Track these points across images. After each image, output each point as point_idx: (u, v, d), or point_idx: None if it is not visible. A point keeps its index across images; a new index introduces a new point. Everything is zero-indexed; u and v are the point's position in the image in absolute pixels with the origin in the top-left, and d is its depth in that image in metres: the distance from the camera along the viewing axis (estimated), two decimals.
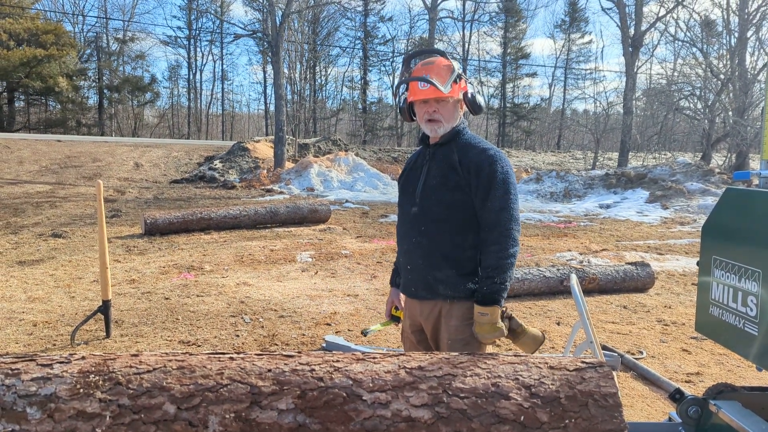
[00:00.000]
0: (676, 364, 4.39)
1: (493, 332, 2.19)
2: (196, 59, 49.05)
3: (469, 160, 2.28)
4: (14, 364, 1.61)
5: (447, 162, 2.33)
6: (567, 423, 1.63)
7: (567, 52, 50.74)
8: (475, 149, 2.31)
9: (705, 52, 25.47)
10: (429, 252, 2.33)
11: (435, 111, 2.31)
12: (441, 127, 2.33)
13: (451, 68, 2.29)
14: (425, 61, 2.35)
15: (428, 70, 2.28)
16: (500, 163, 2.27)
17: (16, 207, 12.45)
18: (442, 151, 2.36)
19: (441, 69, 2.28)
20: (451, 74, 2.27)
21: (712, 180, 16.46)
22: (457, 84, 2.30)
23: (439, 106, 2.30)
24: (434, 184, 2.34)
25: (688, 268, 7.71)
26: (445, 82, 2.26)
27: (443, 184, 2.31)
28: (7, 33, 34.54)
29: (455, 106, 2.34)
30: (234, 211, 10.37)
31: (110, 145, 23.80)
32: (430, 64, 2.31)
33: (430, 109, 2.31)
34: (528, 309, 5.71)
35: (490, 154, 2.28)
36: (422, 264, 2.35)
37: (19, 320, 5.08)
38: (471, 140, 2.36)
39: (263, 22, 29.73)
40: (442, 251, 2.30)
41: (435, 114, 2.31)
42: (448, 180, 2.31)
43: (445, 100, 2.30)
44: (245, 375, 1.64)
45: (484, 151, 2.30)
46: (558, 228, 11.50)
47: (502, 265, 2.21)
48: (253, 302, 5.74)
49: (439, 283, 2.32)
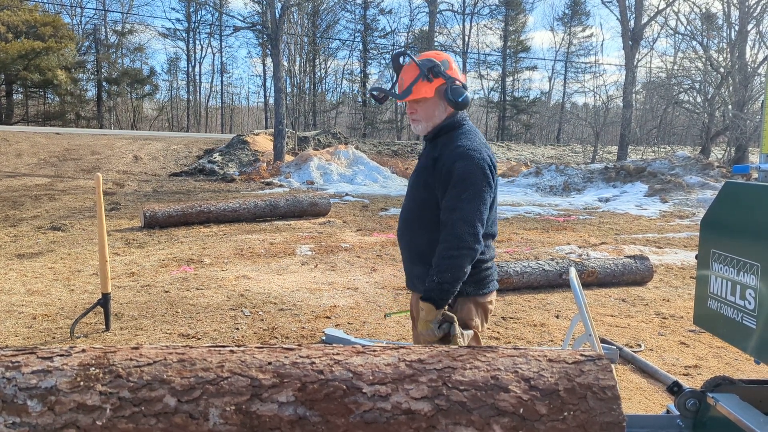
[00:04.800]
0: (674, 357, 4.41)
1: (424, 330, 2.17)
2: (195, 52, 48.92)
3: (443, 158, 2.25)
4: (14, 357, 1.61)
5: (428, 159, 2.34)
6: (566, 415, 1.64)
7: (567, 45, 50.63)
8: (451, 145, 2.26)
9: (705, 46, 25.41)
10: (408, 248, 2.42)
11: (413, 112, 2.35)
12: (420, 125, 2.35)
13: (417, 69, 2.26)
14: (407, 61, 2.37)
15: (403, 71, 2.34)
16: (463, 161, 2.18)
17: (14, 200, 12.43)
18: (429, 147, 2.38)
19: (410, 71, 2.30)
20: (417, 75, 2.26)
21: (711, 174, 16.46)
22: (429, 83, 2.25)
23: (417, 106, 2.32)
24: (412, 182, 2.42)
25: (686, 262, 7.73)
26: (408, 84, 2.27)
27: (417, 182, 2.37)
28: (5, 25, 34.38)
29: (435, 103, 2.30)
30: (233, 204, 10.37)
31: (109, 138, 23.76)
32: (407, 63, 2.35)
33: (409, 109, 2.36)
34: (527, 302, 5.73)
35: (458, 152, 2.21)
36: (406, 258, 2.45)
37: (18, 313, 5.08)
38: (455, 136, 2.29)
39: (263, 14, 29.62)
40: (416, 248, 2.35)
41: (413, 114, 2.35)
42: (421, 178, 2.35)
43: (422, 100, 2.29)
44: (246, 368, 1.65)
45: (456, 147, 2.23)
46: (557, 221, 11.51)
47: (440, 265, 2.15)
48: (253, 295, 5.75)
49: (416, 278, 2.39)
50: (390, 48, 47.63)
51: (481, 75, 50.44)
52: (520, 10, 48.57)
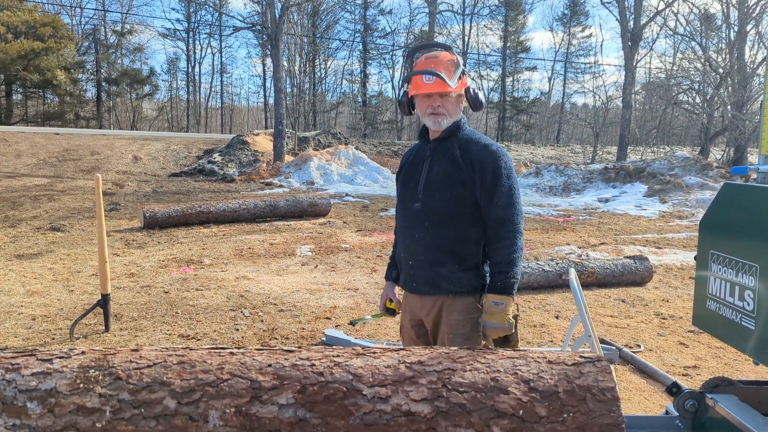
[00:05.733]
0: (674, 358, 4.41)
1: (503, 322, 2.21)
2: (194, 52, 48.92)
3: (472, 156, 2.30)
4: (14, 359, 1.61)
5: (449, 157, 2.33)
6: (565, 417, 1.64)
7: (567, 45, 50.65)
8: (477, 145, 2.33)
9: (704, 46, 25.43)
10: (432, 247, 2.34)
11: (439, 105, 2.30)
12: (444, 120, 2.32)
13: (456, 63, 2.30)
14: (429, 54, 2.35)
15: (433, 63, 2.29)
16: (503, 159, 2.29)
17: (14, 200, 12.43)
18: (444, 147, 2.36)
19: (446, 63, 2.30)
20: (456, 69, 2.29)
21: (710, 174, 16.47)
22: (461, 79, 2.32)
23: (443, 100, 2.30)
24: (437, 180, 2.34)
25: (685, 262, 7.73)
26: (452, 76, 2.27)
27: (447, 180, 2.32)
28: (5, 25, 34.38)
29: (458, 100, 2.35)
30: (233, 204, 10.38)
31: (109, 138, 23.75)
32: (434, 58, 2.31)
33: (435, 103, 2.30)
34: (527, 302, 5.73)
35: (493, 149, 2.31)
36: (424, 259, 2.36)
37: (17, 314, 5.08)
38: (471, 135, 2.37)
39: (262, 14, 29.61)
40: (446, 247, 2.31)
41: (439, 108, 2.30)
42: (451, 176, 2.31)
43: (449, 95, 2.30)
44: (245, 370, 1.65)
45: (486, 147, 2.32)
46: (557, 222, 11.51)
47: (513, 259, 2.25)
48: (253, 296, 5.75)
49: (442, 279, 2.33)
50: (390, 48, 47.64)
51: (481, 75, 50.44)
52: (519, 10, 48.59)
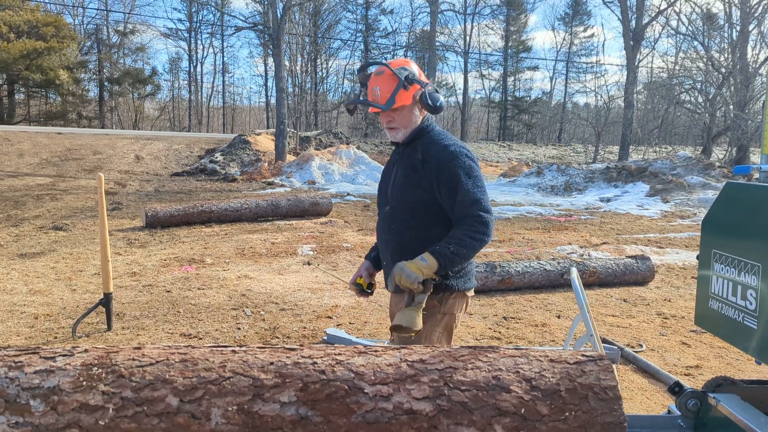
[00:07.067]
0: (676, 357, 4.41)
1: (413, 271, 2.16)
2: (196, 52, 48.98)
3: (431, 158, 2.33)
4: (17, 356, 1.62)
5: (411, 161, 2.39)
6: (567, 415, 1.64)
7: (569, 45, 50.61)
8: (436, 146, 2.35)
9: (706, 46, 25.41)
10: (396, 249, 2.42)
11: (391, 120, 2.38)
12: (399, 133, 2.40)
13: (396, 79, 2.31)
14: (377, 71, 2.38)
15: (377, 81, 2.35)
16: (461, 158, 2.30)
17: (16, 200, 12.45)
18: (408, 151, 2.43)
19: (387, 80, 2.33)
20: (397, 85, 2.30)
21: (712, 174, 16.45)
22: (407, 90, 2.32)
23: (395, 114, 2.36)
24: (399, 184, 2.42)
25: (688, 262, 7.72)
26: (389, 95, 2.30)
27: (406, 183, 2.39)
28: (7, 25, 34.43)
29: (411, 110, 2.37)
30: (235, 203, 10.38)
31: (111, 137, 23.78)
32: (380, 74, 2.36)
33: (387, 118, 2.39)
34: (529, 302, 5.73)
35: (451, 150, 2.32)
36: (391, 260, 2.43)
37: (20, 313, 5.09)
38: (435, 137, 2.39)
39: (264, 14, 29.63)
40: (408, 248, 2.34)
41: (391, 123, 2.39)
42: (410, 179, 2.37)
43: (400, 108, 2.34)
44: (248, 368, 1.65)
45: (445, 147, 2.33)
46: (559, 221, 11.51)
47: (462, 239, 2.21)
48: (255, 295, 5.75)
49: None
50: (391, 48, 47.63)
51: (483, 75, 50.47)
52: (521, 10, 48.59)
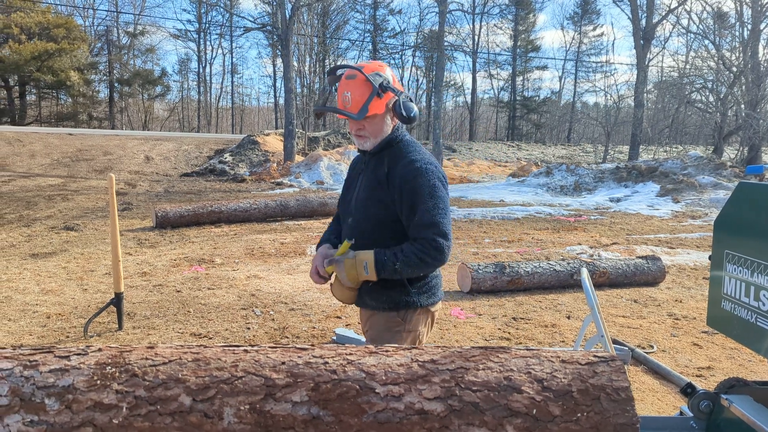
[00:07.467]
0: (687, 359, 4.38)
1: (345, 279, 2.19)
2: (206, 52, 49.28)
3: (395, 173, 2.22)
4: (32, 355, 1.63)
5: (376, 175, 2.28)
6: (579, 416, 1.64)
7: (578, 44, 50.41)
8: (403, 161, 2.24)
9: (717, 45, 25.25)
10: None
11: (361, 128, 2.26)
12: (367, 142, 2.28)
13: (370, 86, 2.19)
14: (349, 74, 2.24)
15: (348, 86, 2.21)
16: (426, 176, 2.19)
17: (28, 200, 12.56)
18: (375, 162, 2.32)
19: (360, 87, 2.20)
20: (371, 93, 2.18)
21: (724, 173, 16.34)
22: (380, 98, 2.21)
23: (366, 122, 2.24)
24: (363, 198, 2.32)
25: (699, 262, 7.67)
26: (363, 103, 2.18)
27: (370, 198, 2.29)
28: (19, 27, 34.74)
29: (383, 119, 2.26)
30: (244, 204, 10.42)
31: (121, 138, 23.93)
32: (352, 78, 2.21)
33: (357, 126, 2.26)
34: (538, 302, 5.71)
35: (416, 166, 2.20)
36: None
37: (32, 312, 5.14)
38: (404, 150, 2.28)
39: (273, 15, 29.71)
40: None
41: (361, 131, 2.27)
42: (373, 194, 2.27)
43: (372, 117, 2.23)
44: (259, 367, 1.66)
45: (410, 163, 2.22)
46: (568, 221, 11.47)
47: (410, 259, 2.15)
48: (264, 295, 5.77)
49: (365, 294, 2.32)
50: (399, 48, 47.63)
51: (491, 74, 50.39)
52: (530, 9, 48.47)
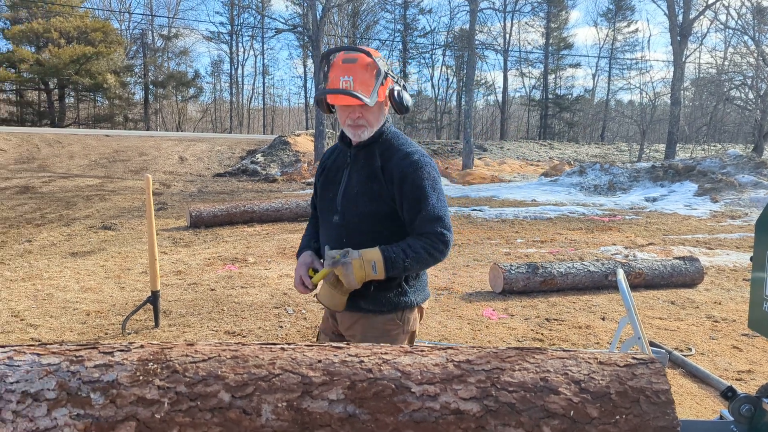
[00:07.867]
0: (727, 362, 4.28)
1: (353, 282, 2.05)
2: (237, 54, 49.83)
3: (393, 167, 2.11)
4: (78, 351, 1.68)
5: (369, 168, 2.15)
6: (618, 419, 1.62)
7: (612, 41, 49.56)
8: (398, 153, 2.14)
9: (757, 40, 24.56)
10: None
11: (359, 117, 2.10)
12: (365, 132, 2.13)
13: (376, 69, 2.06)
14: (347, 57, 2.07)
15: (349, 70, 2.03)
16: (426, 169, 2.12)
17: (68, 200, 12.89)
18: (364, 155, 2.18)
19: (364, 71, 2.04)
20: (377, 78, 2.06)
21: (764, 173, 15.89)
22: (383, 85, 2.10)
23: (364, 110, 2.09)
24: (355, 193, 2.16)
25: (739, 263, 7.48)
26: (371, 88, 2.04)
27: (365, 193, 2.14)
28: (58, 31, 35.73)
29: (380, 108, 2.14)
30: (276, 204, 10.53)
31: (156, 139, 24.39)
32: (351, 62, 2.05)
33: (354, 114, 2.10)
34: (572, 303, 5.64)
35: (414, 159, 2.12)
36: None
37: (73, 309, 5.27)
38: (394, 141, 2.18)
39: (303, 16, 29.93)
40: None
41: (359, 120, 2.11)
42: (370, 189, 2.14)
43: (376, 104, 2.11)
44: (296, 365, 1.68)
45: (407, 155, 2.13)
46: (602, 221, 11.30)
47: (419, 254, 2.06)
48: (296, 294, 5.82)
49: (360, 298, 2.16)
50: (430, 47, 47.49)
51: (523, 73, 49.89)
52: (562, 6, 47.82)
